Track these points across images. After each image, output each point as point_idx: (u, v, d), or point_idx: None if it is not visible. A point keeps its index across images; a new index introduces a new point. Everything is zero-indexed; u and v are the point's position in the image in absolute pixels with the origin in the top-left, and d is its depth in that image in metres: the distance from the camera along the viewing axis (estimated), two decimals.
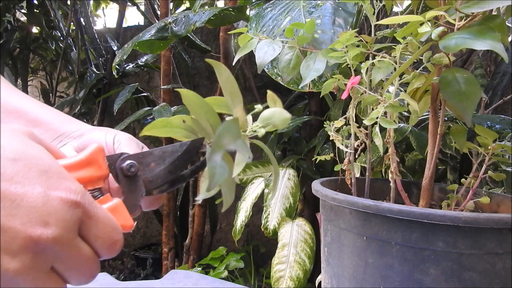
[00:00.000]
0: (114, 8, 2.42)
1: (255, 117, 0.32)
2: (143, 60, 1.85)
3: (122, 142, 0.39)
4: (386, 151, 0.59)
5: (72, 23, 2.02)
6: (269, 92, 0.32)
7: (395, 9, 0.89)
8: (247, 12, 1.09)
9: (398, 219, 0.45)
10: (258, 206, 1.01)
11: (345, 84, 0.57)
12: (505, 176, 0.56)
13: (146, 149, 0.42)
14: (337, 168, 0.67)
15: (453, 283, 0.44)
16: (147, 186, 0.33)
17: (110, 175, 0.34)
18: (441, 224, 0.43)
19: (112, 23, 2.13)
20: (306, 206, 1.28)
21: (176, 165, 0.34)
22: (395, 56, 0.54)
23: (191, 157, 0.34)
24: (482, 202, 0.57)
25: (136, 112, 1.38)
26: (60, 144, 0.41)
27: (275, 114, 0.30)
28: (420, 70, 0.55)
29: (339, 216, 0.53)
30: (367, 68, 0.58)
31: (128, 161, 0.33)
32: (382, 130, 0.54)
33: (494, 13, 0.50)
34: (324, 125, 0.65)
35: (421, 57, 0.52)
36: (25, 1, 1.96)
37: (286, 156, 1.32)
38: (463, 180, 0.59)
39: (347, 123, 0.63)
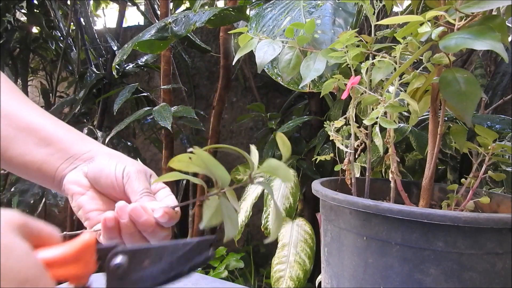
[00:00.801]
0: (114, 8, 2.42)
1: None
2: (143, 60, 1.85)
3: (131, 176, 0.40)
4: (386, 151, 0.59)
5: (72, 23, 2.02)
6: (279, 134, 0.32)
7: (395, 9, 0.89)
8: (247, 12, 1.09)
9: (398, 219, 0.45)
10: (258, 206, 1.01)
11: (345, 84, 0.57)
12: (505, 176, 0.56)
13: (154, 177, 0.42)
14: (337, 168, 0.67)
15: (453, 283, 0.44)
16: (133, 285, 0.30)
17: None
18: (441, 224, 0.43)
19: (112, 23, 2.13)
20: (306, 206, 1.28)
21: (173, 266, 0.30)
22: (395, 56, 0.54)
23: (192, 259, 0.31)
24: (482, 202, 0.57)
25: (136, 112, 1.38)
26: (71, 166, 0.42)
27: (279, 169, 0.30)
28: (420, 70, 0.55)
29: (339, 216, 0.53)
30: (367, 68, 0.58)
31: (118, 259, 0.29)
32: (382, 130, 0.54)
33: (494, 13, 0.50)
34: (324, 125, 0.65)
35: (421, 57, 0.52)
36: (25, 1, 1.95)
37: None
38: (463, 180, 0.59)
39: (347, 123, 0.63)
